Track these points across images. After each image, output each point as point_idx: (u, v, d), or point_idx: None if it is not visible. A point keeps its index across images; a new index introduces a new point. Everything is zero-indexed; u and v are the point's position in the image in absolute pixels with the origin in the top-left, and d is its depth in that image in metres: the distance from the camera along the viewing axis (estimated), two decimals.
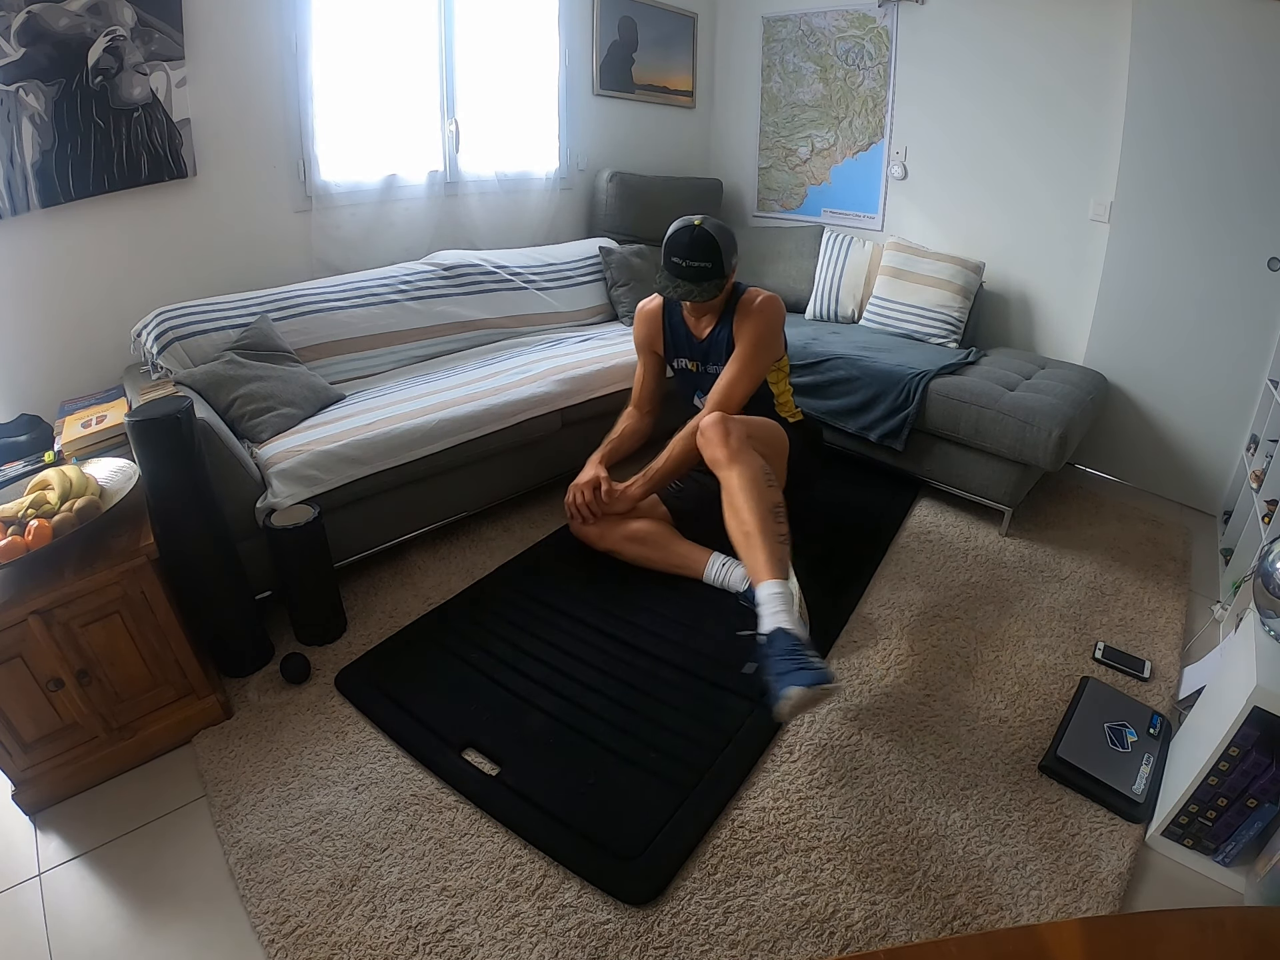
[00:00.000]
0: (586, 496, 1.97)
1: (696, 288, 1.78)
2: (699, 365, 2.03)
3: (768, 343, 1.91)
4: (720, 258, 1.77)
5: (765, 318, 1.88)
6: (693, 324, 2.00)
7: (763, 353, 1.91)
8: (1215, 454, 2.49)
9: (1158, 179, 2.38)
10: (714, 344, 1.97)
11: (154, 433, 1.44)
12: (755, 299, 1.90)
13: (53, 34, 1.82)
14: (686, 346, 2.04)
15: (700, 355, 2.02)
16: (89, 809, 1.39)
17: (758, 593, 1.54)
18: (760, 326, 1.88)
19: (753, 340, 1.88)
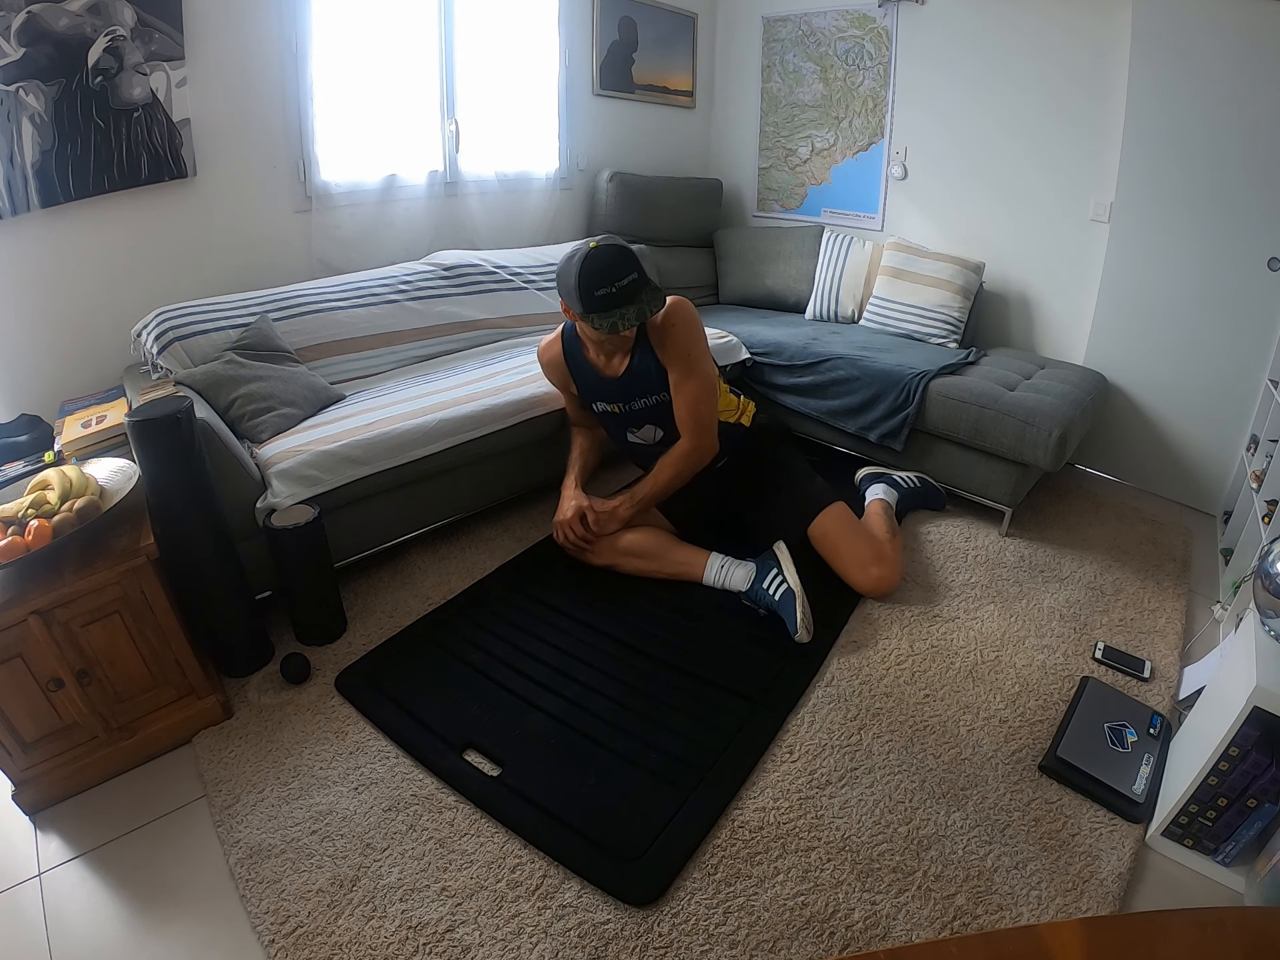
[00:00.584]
0: (579, 531, 1.92)
1: (639, 307, 1.65)
2: (620, 406, 1.92)
3: (701, 347, 1.83)
4: (639, 264, 1.67)
5: (684, 327, 1.79)
6: (602, 364, 1.87)
7: (701, 359, 1.83)
8: (1215, 454, 2.49)
9: (1158, 179, 2.38)
10: (636, 378, 1.85)
11: (154, 433, 1.44)
12: (660, 314, 1.78)
13: (53, 34, 1.82)
14: (600, 389, 1.91)
15: (620, 395, 1.89)
16: (89, 809, 1.39)
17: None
18: (684, 336, 1.79)
19: (686, 352, 1.79)
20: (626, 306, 1.65)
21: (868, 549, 1.92)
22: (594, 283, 1.62)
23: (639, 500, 1.93)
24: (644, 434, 1.99)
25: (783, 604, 1.77)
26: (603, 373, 1.89)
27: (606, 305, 1.64)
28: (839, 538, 1.93)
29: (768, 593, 1.80)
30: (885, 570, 1.90)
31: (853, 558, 1.91)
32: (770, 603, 1.80)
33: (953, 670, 1.71)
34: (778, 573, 1.81)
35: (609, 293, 1.62)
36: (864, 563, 1.90)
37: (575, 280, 1.63)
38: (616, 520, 1.94)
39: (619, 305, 1.65)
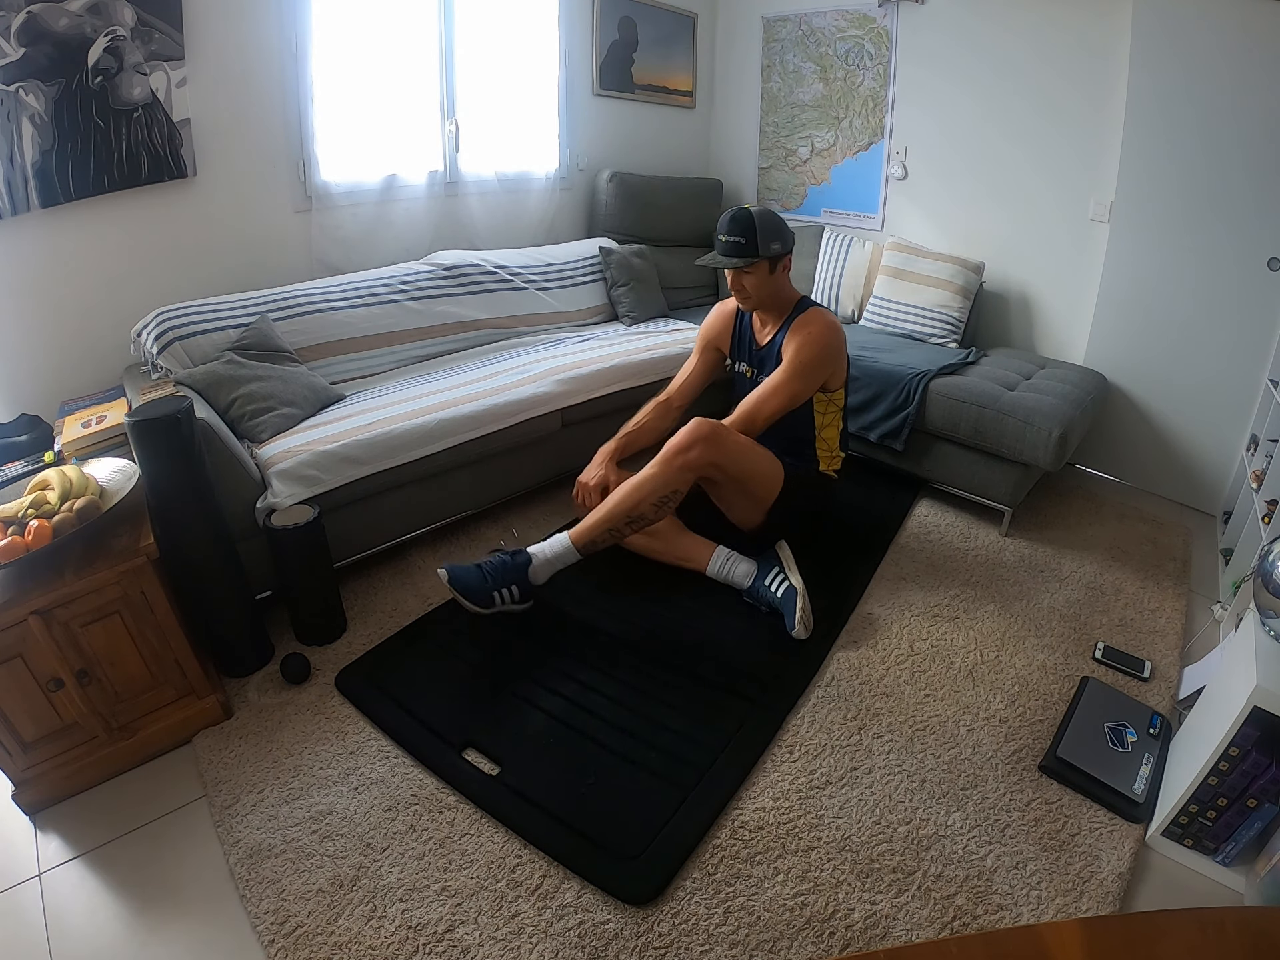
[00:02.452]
0: (595, 501, 1.92)
1: (726, 259, 1.85)
2: (754, 372, 2.06)
3: (811, 366, 1.88)
4: (755, 235, 1.81)
5: (816, 341, 1.87)
6: (758, 328, 2.04)
7: (803, 374, 1.87)
8: (1215, 454, 2.49)
9: (1158, 179, 2.38)
10: (770, 353, 1.98)
11: (154, 433, 1.44)
12: (813, 321, 1.90)
13: (53, 34, 1.82)
14: (749, 351, 2.07)
15: (757, 362, 2.05)
16: (89, 809, 1.39)
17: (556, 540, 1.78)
18: (806, 347, 1.86)
19: (795, 358, 1.87)
20: (718, 255, 1.88)
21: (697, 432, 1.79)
22: (718, 227, 1.88)
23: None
24: None
25: (784, 600, 1.77)
26: (756, 336, 2.05)
27: (715, 247, 1.90)
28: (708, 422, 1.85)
29: (769, 589, 1.80)
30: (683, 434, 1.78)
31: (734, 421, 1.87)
32: (772, 599, 1.80)
33: (953, 670, 1.72)
34: (779, 570, 1.82)
35: (719, 238, 1.87)
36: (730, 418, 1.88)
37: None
38: None
39: (719, 250, 1.88)
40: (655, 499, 1.77)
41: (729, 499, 1.95)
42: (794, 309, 1.96)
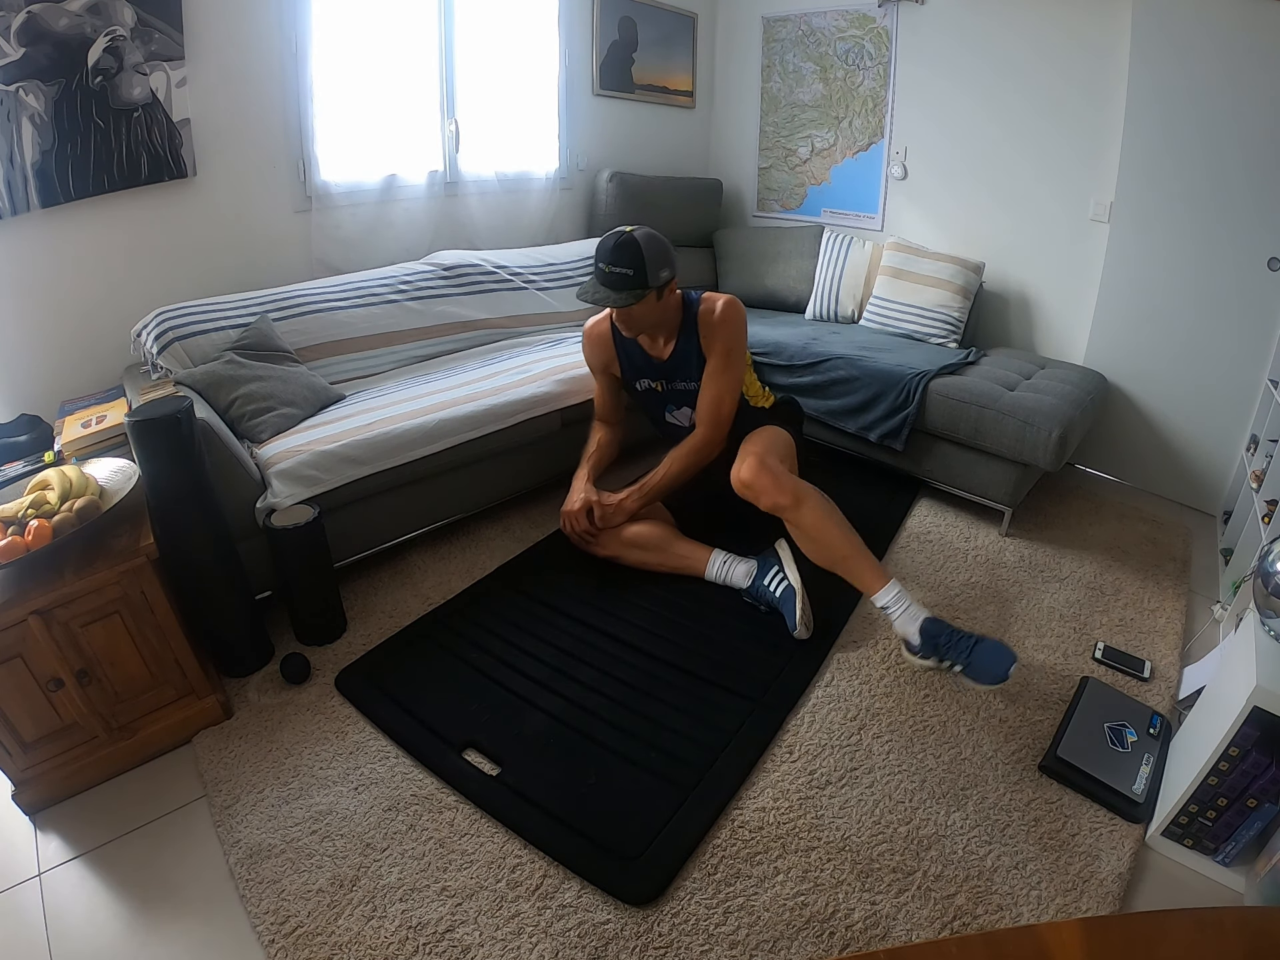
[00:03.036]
0: (583, 525, 1.95)
1: (614, 294, 1.73)
2: (663, 384, 1.99)
3: (740, 350, 1.91)
4: (643, 267, 1.70)
5: (733, 326, 1.87)
6: (648, 344, 1.95)
7: (738, 360, 1.91)
8: (1215, 454, 2.49)
9: (1157, 179, 2.38)
10: (680, 361, 1.93)
11: (154, 433, 1.44)
12: (715, 308, 1.85)
13: (53, 34, 1.82)
14: (645, 367, 1.99)
15: (665, 374, 1.97)
16: (89, 809, 1.39)
17: (877, 600, 1.68)
18: (730, 337, 1.87)
19: (726, 351, 1.87)
20: (604, 289, 1.75)
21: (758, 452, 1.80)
22: (599, 254, 1.76)
23: (647, 492, 1.95)
24: (680, 415, 2.04)
25: (783, 600, 1.77)
26: (649, 352, 1.96)
27: (596, 276, 1.77)
28: (751, 440, 1.88)
29: (769, 589, 1.80)
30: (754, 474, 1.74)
31: (744, 452, 1.83)
32: (771, 599, 1.80)
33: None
34: (779, 570, 1.82)
35: (601, 269, 1.75)
36: (744, 456, 1.80)
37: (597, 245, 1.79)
38: (623, 513, 1.95)
39: (600, 284, 1.76)
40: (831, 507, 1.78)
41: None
42: (685, 310, 1.90)
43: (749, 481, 1.75)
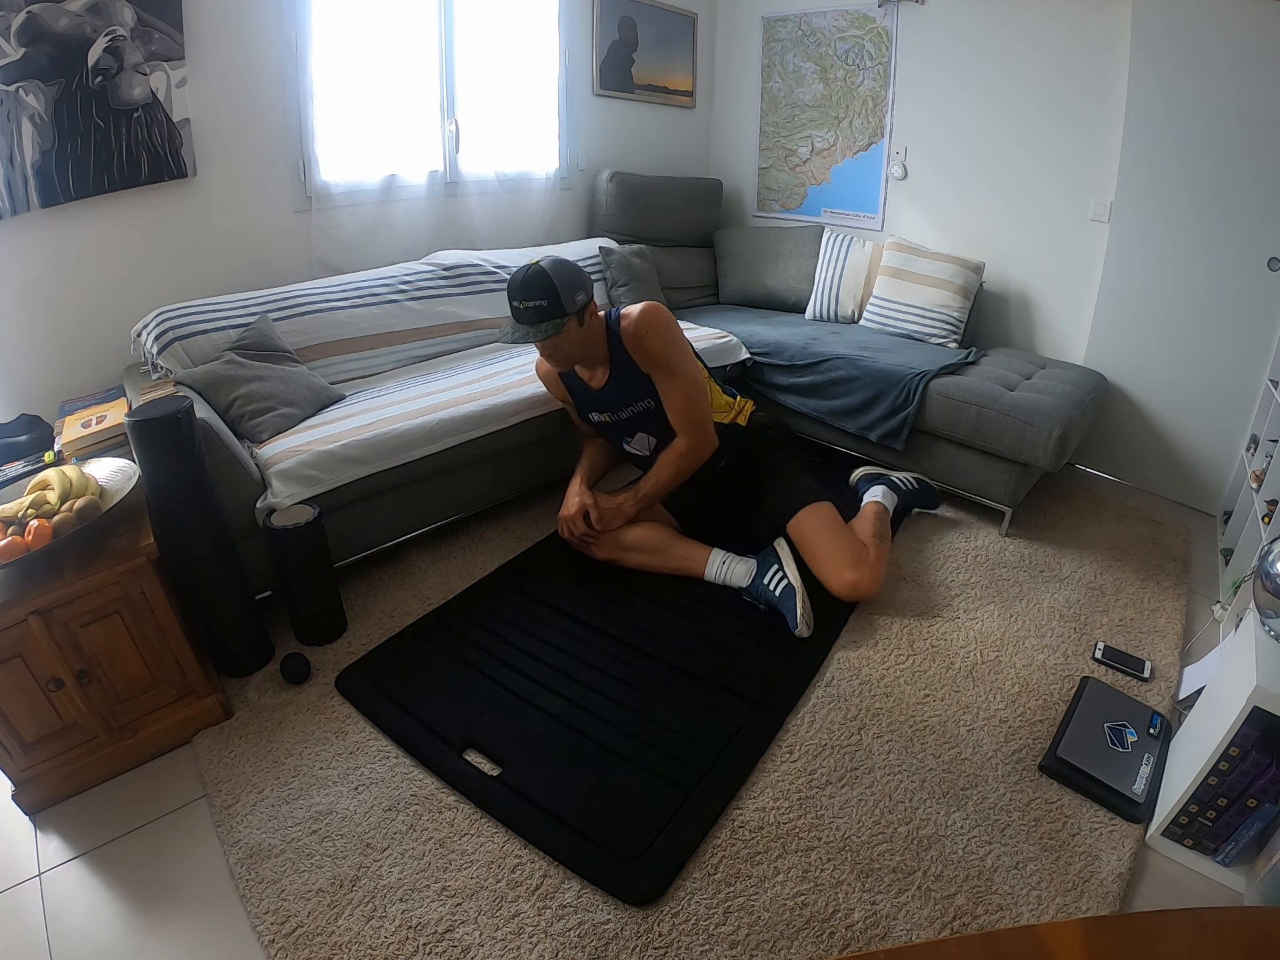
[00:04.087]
0: (581, 528, 1.94)
1: (534, 329, 1.71)
2: (611, 415, 1.96)
3: (678, 349, 1.84)
4: (556, 295, 1.69)
5: (657, 332, 1.80)
6: (586, 377, 1.92)
7: (681, 360, 1.84)
8: (1215, 454, 2.49)
9: (1158, 179, 2.38)
10: (618, 388, 1.89)
11: (154, 433, 1.44)
12: (633, 322, 1.80)
13: (53, 34, 1.82)
14: (592, 400, 1.97)
15: (609, 405, 1.94)
16: (89, 809, 1.39)
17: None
18: (657, 342, 1.80)
19: (664, 357, 1.81)
20: (522, 325, 1.74)
21: (846, 551, 1.83)
22: (510, 293, 1.74)
23: (641, 497, 1.94)
24: (638, 443, 2.00)
25: (783, 599, 1.77)
26: (589, 385, 1.94)
27: (513, 315, 1.75)
28: (819, 538, 1.86)
29: (768, 588, 1.80)
30: (861, 575, 1.81)
31: (829, 560, 1.83)
32: (771, 598, 1.80)
33: (953, 670, 1.71)
34: (778, 569, 1.82)
35: (516, 306, 1.73)
36: (839, 565, 1.82)
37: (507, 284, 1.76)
38: (620, 516, 1.95)
39: (519, 322, 1.74)
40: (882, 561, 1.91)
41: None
42: (609, 335, 1.85)
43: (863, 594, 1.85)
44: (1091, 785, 1.40)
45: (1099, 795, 1.39)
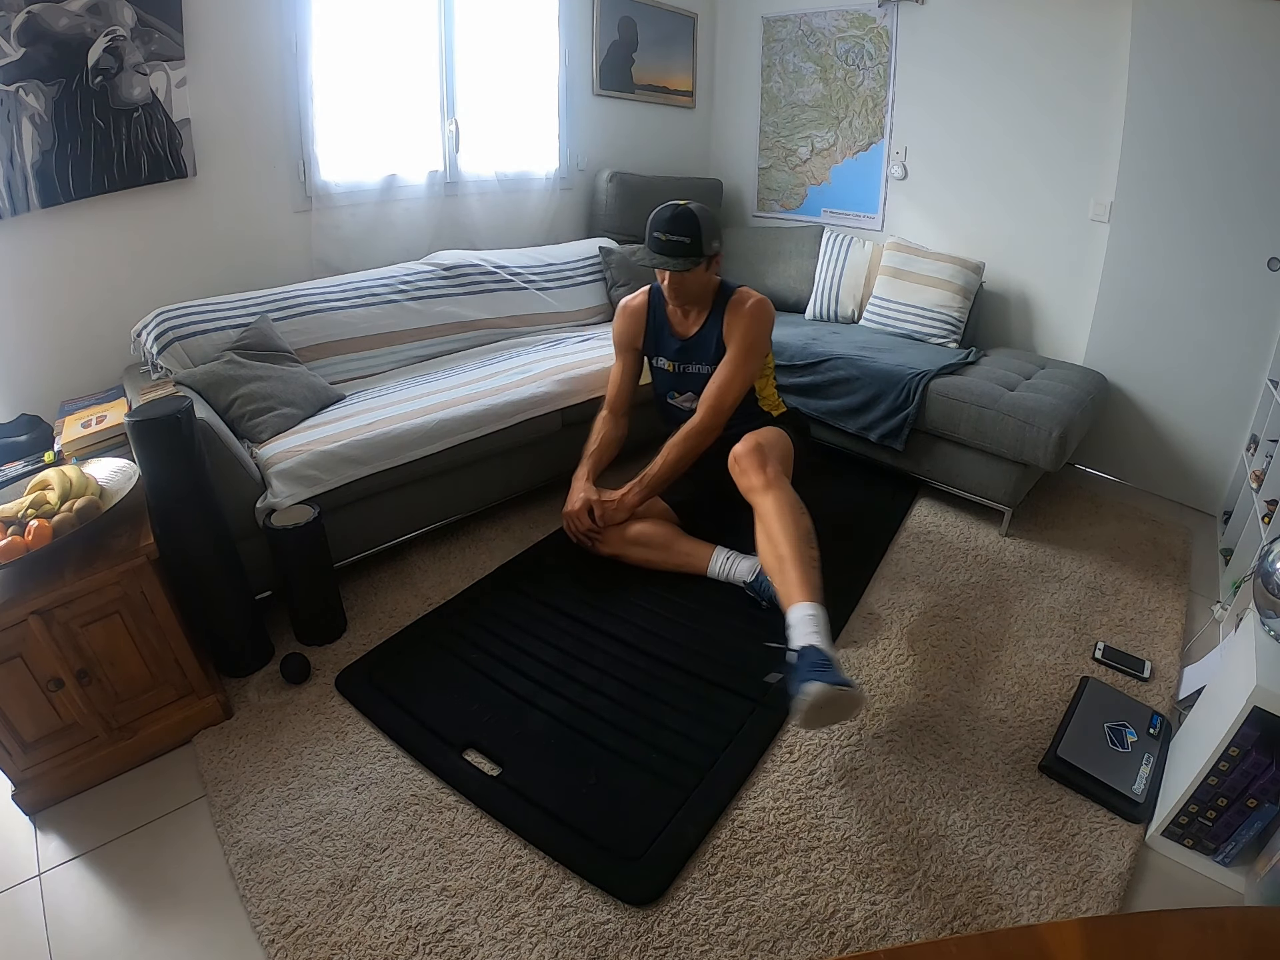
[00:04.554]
0: (585, 524, 1.96)
1: (672, 260, 1.81)
2: (676, 365, 2.04)
3: (760, 347, 1.94)
4: (699, 235, 1.80)
5: (758, 322, 1.91)
6: (678, 320, 2.01)
7: (755, 356, 1.93)
8: (1215, 454, 2.49)
9: (1158, 179, 2.38)
10: (700, 342, 1.98)
11: (154, 433, 1.44)
12: (747, 300, 1.92)
13: (53, 34, 1.82)
14: (666, 345, 2.05)
15: (680, 354, 2.02)
16: (89, 809, 1.39)
17: (790, 614, 1.52)
18: (753, 331, 1.90)
19: (745, 343, 1.90)
20: (661, 256, 1.83)
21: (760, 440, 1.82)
22: (655, 225, 1.84)
23: (647, 484, 1.96)
24: (684, 399, 2.07)
25: None
26: (675, 329, 2.02)
27: (652, 247, 1.85)
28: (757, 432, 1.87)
29: (770, 585, 1.80)
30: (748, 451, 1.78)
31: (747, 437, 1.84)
32: (772, 595, 1.80)
33: (953, 670, 1.71)
34: None
35: (659, 239, 1.83)
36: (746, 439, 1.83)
37: (651, 217, 1.87)
38: (625, 509, 1.96)
39: (658, 253, 1.83)
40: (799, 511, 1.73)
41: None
42: (718, 293, 1.96)
43: (740, 455, 1.80)
44: (1091, 785, 1.40)
45: (1099, 795, 1.39)
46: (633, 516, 1.98)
